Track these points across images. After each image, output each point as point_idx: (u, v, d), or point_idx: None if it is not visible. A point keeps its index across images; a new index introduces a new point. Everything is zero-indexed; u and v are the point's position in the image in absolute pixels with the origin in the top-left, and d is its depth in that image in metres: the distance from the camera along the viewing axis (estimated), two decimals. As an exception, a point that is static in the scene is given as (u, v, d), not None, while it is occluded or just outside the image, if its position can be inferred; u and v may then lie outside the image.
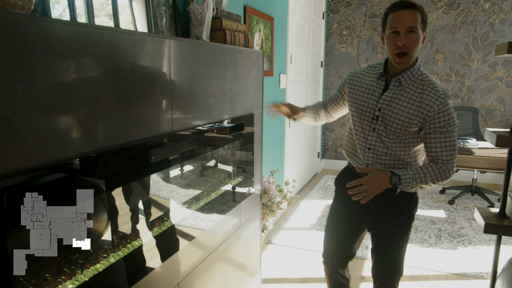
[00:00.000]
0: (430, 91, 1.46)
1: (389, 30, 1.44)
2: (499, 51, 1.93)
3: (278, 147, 3.59)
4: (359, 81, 1.63)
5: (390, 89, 1.52)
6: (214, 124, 1.71)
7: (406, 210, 1.62)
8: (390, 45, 1.44)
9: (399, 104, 1.50)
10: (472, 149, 3.41)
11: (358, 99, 1.61)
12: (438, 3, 4.89)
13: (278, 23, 3.37)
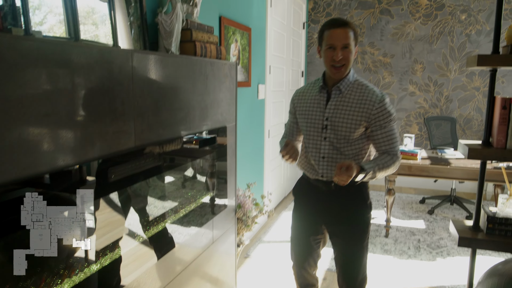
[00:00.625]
0: (368, 93, 1.64)
1: (326, 45, 1.59)
2: (469, 63, 1.93)
3: (257, 158, 3.55)
4: (304, 97, 1.76)
5: (332, 98, 1.66)
6: (193, 135, 1.66)
7: (360, 214, 1.72)
8: (327, 59, 1.60)
9: (344, 109, 1.64)
10: (449, 159, 3.43)
11: (306, 113, 1.72)
12: (416, 14, 4.95)
13: (256, 33, 3.35)
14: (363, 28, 5.16)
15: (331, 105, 1.66)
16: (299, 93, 1.80)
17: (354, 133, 1.63)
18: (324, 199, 1.71)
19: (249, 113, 3.28)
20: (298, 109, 1.77)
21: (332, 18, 1.65)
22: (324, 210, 1.72)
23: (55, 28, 1.43)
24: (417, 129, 5.16)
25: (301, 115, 1.75)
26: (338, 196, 1.69)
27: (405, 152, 3.38)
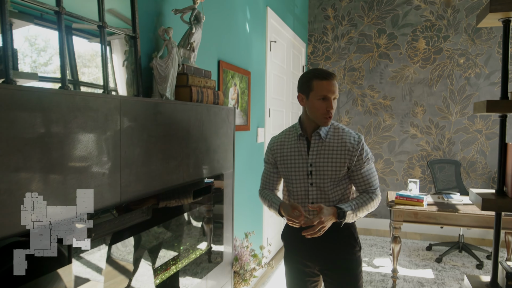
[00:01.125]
0: (347, 135, 1.71)
1: (318, 96, 1.62)
2: (478, 109, 1.85)
3: (256, 204, 3.41)
4: (283, 146, 1.76)
5: (313, 144, 1.70)
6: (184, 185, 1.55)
7: (352, 254, 1.73)
8: (319, 109, 1.63)
9: (326, 153, 1.68)
10: (456, 205, 3.29)
11: (289, 161, 1.73)
12: (415, 58, 4.98)
13: (256, 76, 3.32)
14: (362, 71, 5.18)
15: (313, 150, 1.70)
16: (277, 143, 1.80)
17: (339, 175, 1.69)
18: (314, 244, 1.70)
19: (248, 157, 3.18)
20: (279, 159, 1.76)
21: (319, 69, 1.68)
22: (314, 255, 1.73)
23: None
24: (420, 172, 5.04)
25: (284, 164, 1.75)
26: (327, 240, 1.69)
27: (410, 197, 3.24)
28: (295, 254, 1.79)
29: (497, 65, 4.73)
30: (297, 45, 4.78)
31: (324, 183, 1.68)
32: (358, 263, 1.75)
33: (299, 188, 1.71)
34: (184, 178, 1.58)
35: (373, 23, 5.11)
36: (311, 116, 1.67)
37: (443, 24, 4.89)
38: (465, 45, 4.82)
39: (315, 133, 1.69)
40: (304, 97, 1.68)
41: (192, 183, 1.64)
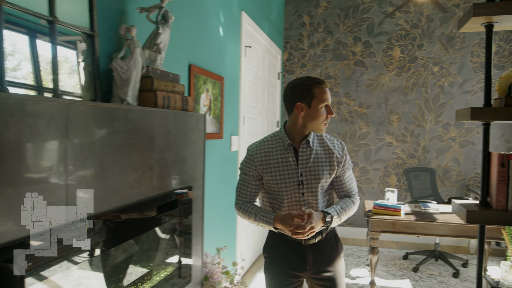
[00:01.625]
0: (332, 143, 1.73)
1: (321, 103, 1.61)
2: (460, 116, 1.78)
3: (228, 217, 3.25)
4: (268, 158, 1.68)
5: (301, 153, 1.68)
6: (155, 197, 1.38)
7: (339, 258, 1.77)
8: (321, 116, 1.62)
9: (316, 162, 1.68)
10: (434, 214, 3.24)
11: (279, 174, 1.67)
12: (390, 66, 4.98)
13: (229, 82, 3.18)
14: (338, 79, 5.14)
15: (303, 160, 1.68)
16: (259, 155, 1.69)
17: (328, 182, 1.72)
18: (302, 252, 1.70)
19: (221, 167, 3.03)
20: (266, 171, 1.68)
21: (314, 77, 1.67)
22: (302, 263, 1.71)
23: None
24: (396, 180, 5.02)
25: (273, 176, 1.67)
26: (315, 247, 1.71)
27: (388, 207, 3.17)
28: (282, 265, 1.74)
29: (470, 73, 4.78)
30: (272, 52, 4.68)
31: (313, 191, 1.68)
32: (343, 266, 1.82)
33: (290, 199, 1.68)
34: (146, 193, 1.41)
35: (349, 31, 5.09)
36: (310, 124, 1.64)
37: (417, 33, 4.91)
38: (439, 53, 4.85)
39: (305, 141, 1.68)
40: (305, 106, 1.62)
41: (156, 198, 1.48)
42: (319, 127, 1.65)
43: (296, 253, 1.70)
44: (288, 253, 1.72)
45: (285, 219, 1.57)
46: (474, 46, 4.76)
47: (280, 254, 1.74)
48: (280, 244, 1.73)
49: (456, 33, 4.80)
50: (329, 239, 1.75)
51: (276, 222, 1.60)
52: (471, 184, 4.83)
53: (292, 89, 1.66)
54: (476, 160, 4.80)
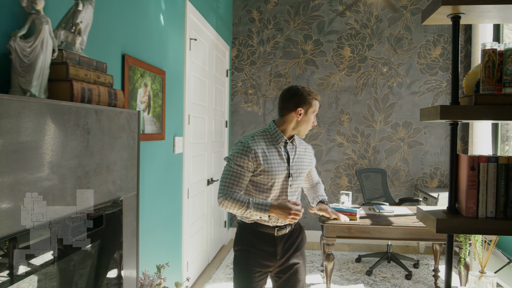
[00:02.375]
0: (305, 143, 2.07)
1: (314, 113, 1.91)
2: (427, 115, 1.62)
3: (173, 225, 2.93)
4: (264, 150, 1.86)
5: (290, 150, 1.93)
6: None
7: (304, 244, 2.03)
8: (309, 122, 1.91)
9: (299, 158, 1.96)
10: (388, 217, 3.14)
11: (274, 167, 1.85)
12: (340, 65, 4.90)
13: (172, 77, 2.87)
14: (288, 78, 4.97)
15: (291, 156, 1.92)
16: (256, 147, 1.84)
17: (305, 176, 2.02)
18: (274, 242, 1.87)
19: (163, 171, 2.71)
20: (262, 163, 1.82)
21: (312, 90, 1.92)
22: (274, 253, 1.87)
23: None
24: (347, 181, 4.95)
25: (269, 169, 1.83)
26: (285, 237, 1.90)
27: (343, 211, 3.02)
28: (255, 255, 1.86)
29: (417, 74, 4.82)
30: (220, 47, 4.41)
31: (299, 184, 1.97)
32: (305, 254, 2.06)
33: (279, 190, 1.89)
34: (55, 212, 1.09)
35: (299, 28, 4.94)
36: (301, 127, 1.91)
37: (367, 33, 4.87)
38: (388, 54, 4.85)
39: (292, 140, 1.94)
40: (304, 112, 1.87)
41: (69, 217, 1.15)
42: (305, 132, 1.96)
43: (268, 244, 1.86)
44: (260, 244, 1.86)
45: (284, 204, 1.76)
46: (421, 47, 4.81)
47: (253, 246, 1.87)
48: (252, 236, 1.88)
49: (404, 34, 4.82)
50: (296, 229, 1.98)
51: (272, 209, 1.74)
52: (419, 184, 4.87)
53: (297, 95, 1.87)
54: (423, 161, 4.85)
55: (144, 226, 2.39)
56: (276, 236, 1.86)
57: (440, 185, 4.84)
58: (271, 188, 1.86)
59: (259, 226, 1.85)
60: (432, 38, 4.80)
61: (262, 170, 1.82)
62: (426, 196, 4.47)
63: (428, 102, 4.81)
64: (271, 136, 1.89)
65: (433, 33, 4.80)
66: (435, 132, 4.83)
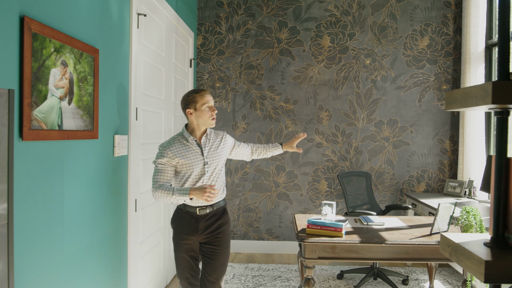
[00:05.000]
0: (220, 134, 2.43)
1: (203, 105, 2.25)
2: (461, 101, 1.09)
3: (113, 247, 2.32)
4: (178, 149, 2.26)
5: (204, 143, 2.32)
6: None
7: (227, 226, 2.37)
8: (207, 114, 2.27)
9: (215, 148, 2.35)
10: (379, 231, 2.62)
11: (189, 159, 2.25)
12: (319, 56, 4.38)
13: (111, 59, 2.25)
14: (261, 70, 4.41)
15: (206, 147, 2.31)
16: (170, 149, 2.24)
17: (224, 162, 2.40)
18: (196, 221, 2.28)
19: (95, 179, 2.09)
20: (178, 160, 2.23)
21: (193, 89, 2.30)
22: (195, 229, 2.28)
23: None
24: (327, 186, 4.43)
25: (185, 162, 2.24)
26: (206, 217, 2.29)
27: (326, 226, 2.48)
28: (181, 229, 2.30)
29: (403, 67, 4.36)
30: (182, 33, 3.80)
31: (218, 170, 2.33)
32: (230, 234, 2.39)
33: (198, 175, 2.26)
34: None
35: (273, 14, 4.40)
36: (201, 121, 2.28)
37: (348, 21, 4.37)
38: (371, 44, 4.37)
39: (205, 135, 2.33)
40: (193, 110, 2.26)
41: None
42: (208, 123, 2.28)
43: (191, 221, 2.27)
44: (186, 220, 2.28)
45: (201, 187, 2.09)
46: (407, 38, 4.35)
47: (181, 222, 2.30)
48: (180, 215, 2.31)
49: (389, 23, 4.36)
50: (218, 213, 2.33)
51: (192, 191, 2.09)
52: (405, 189, 4.41)
53: (182, 101, 2.29)
54: (410, 162, 4.40)
55: (64, 256, 1.77)
56: (198, 214, 2.27)
57: (427, 189, 4.40)
58: (191, 175, 2.26)
59: (186, 207, 2.29)
60: (419, 28, 4.35)
61: (181, 164, 2.24)
62: (414, 202, 4.01)
63: (414, 98, 4.36)
64: (183, 138, 2.30)
65: (420, 22, 4.35)
66: (422, 131, 4.38)
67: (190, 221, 2.27)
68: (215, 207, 2.30)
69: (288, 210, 4.46)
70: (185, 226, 2.27)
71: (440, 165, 4.39)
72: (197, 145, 2.28)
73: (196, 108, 2.23)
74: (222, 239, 2.30)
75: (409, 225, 2.79)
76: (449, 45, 4.34)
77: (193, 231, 2.27)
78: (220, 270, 2.30)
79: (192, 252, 2.31)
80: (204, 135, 2.31)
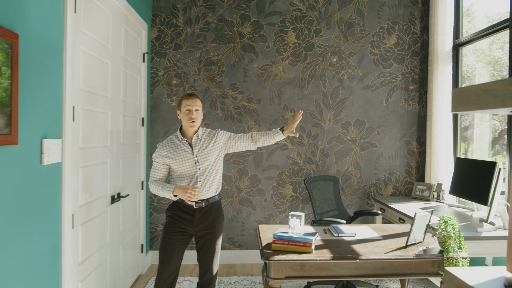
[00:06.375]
0: (211, 133, 2.58)
1: (184, 108, 2.47)
2: (471, 101, 0.84)
3: (41, 274, 1.92)
4: (171, 149, 2.50)
5: (194, 143, 2.50)
6: None
7: (220, 222, 2.56)
8: (186, 117, 2.46)
9: (205, 147, 2.51)
10: (351, 244, 2.38)
11: (179, 159, 2.47)
12: (284, 53, 4.13)
13: (37, 47, 1.86)
14: (222, 66, 4.10)
15: (196, 147, 2.49)
16: (164, 149, 2.52)
17: (217, 159, 2.54)
18: (192, 214, 2.48)
19: (15, 194, 1.69)
20: (170, 160, 2.49)
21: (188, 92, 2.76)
22: (191, 221, 2.48)
23: None
24: (292, 190, 4.19)
25: (175, 162, 2.48)
26: (202, 211, 2.48)
27: (294, 240, 2.21)
28: (181, 223, 2.49)
29: (370, 66, 4.19)
30: (133, 23, 3.41)
31: (210, 168, 2.51)
32: (222, 227, 2.59)
33: (190, 173, 2.48)
34: None
35: (234, 7, 4.09)
36: (184, 123, 2.50)
37: (314, 16, 4.15)
38: (338, 42, 4.17)
39: (196, 135, 2.52)
40: (180, 112, 2.51)
41: None
42: (187, 124, 2.48)
43: (187, 213, 2.49)
44: (182, 213, 2.49)
45: (183, 186, 2.35)
46: (374, 35, 4.19)
47: (177, 214, 2.50)
48: (177, 207, 2.52)
49: (356, 19, 4.17)
50: (214, 207, 2.54)
51: (175, 189, 2.36)
52: (373, 192, 4.25)
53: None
54: (377, 165, 4.24)
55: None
56: (195, 208, 2.46)
57: (395, 192, 4.26)
58: (183, 173, 2.46)
59: (183, 201, 2.45)
60: (386, 25, 4.20)
61: (173, 163, 2.47)
62: (383, 206, 3.84)
63: (381, 98, 4.21)
64: (177, 138, 2.53)
65: (387, 20, 4.20)
66: (389, 132, 4.24)
67: (186, 213, 2.47)
68: (210, 201, 2.50)
69: (251, 217, 4.17)
70: (182, 217, 2.48)
71: (408, 168, 4.27)
72: (188, 145, 2.48)
73: (181, 111, 2.49)
74: (215, 233, 2.51)
75: (382, 235, 2.58)
76: (416, 44, 4.22)
77: (189, 222, 2.47)
78: (211, 261, 2.51)
79: (183, 242, 2.49)
80: (195, 135, 2.50)
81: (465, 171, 3.29)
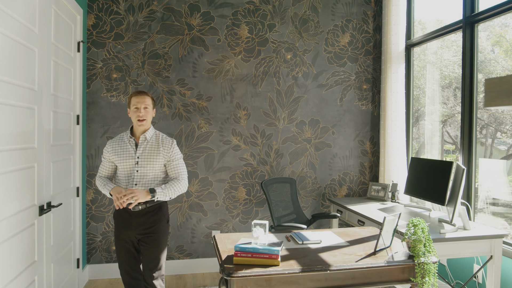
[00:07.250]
0: (164, 139, 2.53)
1: (132, 106, 2.46)
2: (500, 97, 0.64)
3: None
4: (116, 147, 2.50)
5: (140, 142, 2.48)
6: None
7: (161, 225, 2.47)
8: (134, 115, 2.46)
9: (150, 150, 2.47)
10: (318, 252, 2.20)
11: (121, 157, 2.46)
12: (236, 47, 3.88)
13: None
14: (169, 60, 3.75)
15: (140, 147, 2.46)
16: (110, 146, 2.52)
17: (159, 165, 2.47)
18: (130, 217, 2.43)
19: None
20: (113, 156, 2.48)
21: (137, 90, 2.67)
22: (129, 224, 2.44)
23: None
24: (245, 193, 3.95)
25: (116, 159, 2.47)
26: (139, 214, 2.43)
27: (258, 252, 1.97)
28: (122, 227, 2.47)
29: (325, 64, 4.08)
30: (66, 7, 2.97)
31: (148, 169, 2.44)
32: (166, 230, 2.53)
33: (128, 172, 2.45)
34: None
35: (183, -4, 3.77)
36: (133, 121, 2.49)
37: (268, 10, 3.95)
38: (292, 38, 4.00)
39: (143, 136, 2.48)
40: (130, 110, 2.49)
41: None
42: (136, 123, 2.47)
43: (125, 217, 2.45)
44: (121, 218, 2.47)
45: (118, 189, 2.35)
46: (329, 33, 4.08)
47: (119, 217, 2.49)
48: (119, 211, 2.48)
49: (310, 16, 4.04)
50: (153, 210, 2.45)
51: (112, 190, 2.37)
52: (328, 193, 4.14)
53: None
54: (332, 165, 4.13)
55: None
56: (132, 211, 2.43)
57: (349, 192, 4.19)
58: (123, 170, 2.47)
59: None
60: (340, 23, 4.11)
61: (116, 160, 2.49)
62: (339, 208, 3.73)
63: (336, 97, 4.11)
64: (126, 136, 2.54)
65: (341, 18, 4.12)
66: (344, 132, 4.15)
67: (125, 216, 2.45)
68: (148, 204, 2.43)
69: (202, 222, 3.87)
70: (122, 221, 2.47)
71: (361, 168, 4.22)
72: (134, 144, 2.48)
73: (130, 108, 2.48)
74: (155, 236, 2.45)
75: (347, 241, 2.42)
76: (369, 44, 4.18)
77: (128, 226, 2.44)
78: (153, 265, 2.46)
79: (128, 245, 2.48)
80: (143, 135, 2.48)
81: (420, 171, 3.27)
